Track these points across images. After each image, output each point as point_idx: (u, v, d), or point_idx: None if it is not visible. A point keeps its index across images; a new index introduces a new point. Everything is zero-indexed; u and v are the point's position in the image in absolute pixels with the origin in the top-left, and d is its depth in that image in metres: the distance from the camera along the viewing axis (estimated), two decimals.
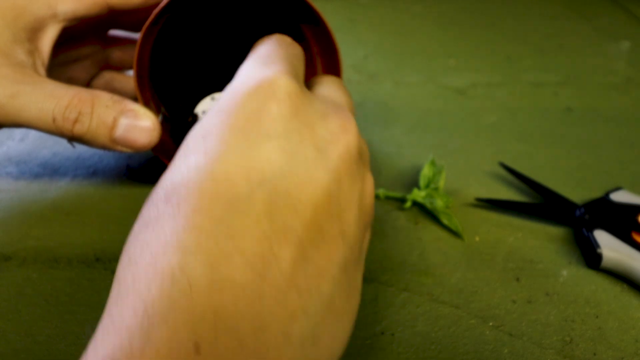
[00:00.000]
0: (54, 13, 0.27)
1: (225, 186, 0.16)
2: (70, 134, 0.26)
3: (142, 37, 0.27)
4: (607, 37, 0.57)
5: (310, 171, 0.18)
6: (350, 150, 0.19)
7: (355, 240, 0.19)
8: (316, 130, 0.19)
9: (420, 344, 0.23)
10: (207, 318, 0.13)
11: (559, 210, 0.30)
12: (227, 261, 0.15)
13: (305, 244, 0.16)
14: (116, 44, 0.34)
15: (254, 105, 0.18)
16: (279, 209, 0.16)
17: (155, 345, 0.13)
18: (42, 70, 0.27)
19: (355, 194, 0.19)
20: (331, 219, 0.18)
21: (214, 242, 0.15)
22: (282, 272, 0.15)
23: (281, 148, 0.17)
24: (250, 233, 0.15)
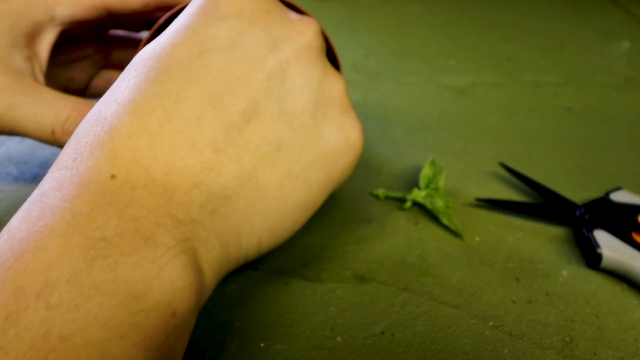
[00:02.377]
0: (52, 17, 0.27)
1: (168, 54, 0.18)
2: None
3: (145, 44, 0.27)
4: (607, 37, 0.57)
5: (254, 51, 0.19)
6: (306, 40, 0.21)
7: (302, 126, 0.20)
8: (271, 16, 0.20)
9: (420, 344, 0.23)
10: (123, 155, 0.16)
11: (559, 210, 0.30)
12: (151, 114, 0.17)
13: (232, 113, 0.18)
14: (115, 44, 0.34)
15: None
16: (211, 79, 0.18)
17: (80, 173, 0.16)
18: (40, 76, 0.27)
19: (310, 82, 0.21)
20: (269, 99, 0.19)
21: (143, 98, 0.17)
22: (200, 131, 0.18)
23: (229, 27, 0.19)
24: (177, 94, 0.18)
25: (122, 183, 0.16)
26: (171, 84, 0.18)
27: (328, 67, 0.22)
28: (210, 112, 0.18)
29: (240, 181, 0.18)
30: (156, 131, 0.17)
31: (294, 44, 0.20)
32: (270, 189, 0.19)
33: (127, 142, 0.16)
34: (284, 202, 0.20)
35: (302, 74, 0.20)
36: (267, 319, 0.24)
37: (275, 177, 0.19)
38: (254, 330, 0.23)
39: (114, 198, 0.15)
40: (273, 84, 0.19)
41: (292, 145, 0.20)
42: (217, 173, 0.18)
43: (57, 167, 0.16)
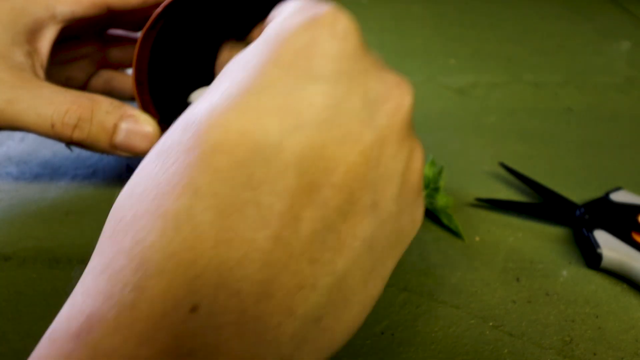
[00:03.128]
0: (53, 14, 0.27)
1: (254, 125, 0.14)
2: (69, 139, 0.26)
3: (141, 41, 0.27)
4: (607, 37, 0.57)
5: (352, 126, 0.15)
6: (403, 113, 0.17)
7: (389, 217, 0.16)
8: (369, 80, 0.16)
9: (420, 344, 0.23)
10: (210, 274, 0.12)
11: (559, 210, 0.30)
12: (241, 213, 0.13)
13: (331, 210, 0.14)
14: (115, 43, 0.34)
15: (306, 38, 0.15)
16: (310, 164, 0.14)
17: (148, 300, 0.11)
18: (40, 72, 0.27)
19: (399, 164, 0.17)
20: (365, 187, 0.15)
21: (230, 188, 0.13)
22: (298, 237, 0.13)
23: (326, 93, 0.15)
24: (271, 185, 0.13)
25: (206, 318, 0.12)
26: (263, 171, 0.13)
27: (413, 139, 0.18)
28: (309, 209, 0.14)
29: (332, 295, 0.15)
30: (249, 238, 0.13)
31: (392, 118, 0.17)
32: (356, 294, 0.16)
33: (212, 253, 0.12)
34: (364, 305, 0.16)
35: (395, 156, 0.17)
36: None
37: (362, 279, 0.16)
38: None
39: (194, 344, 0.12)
40: (369, 169, 0.15)
41: (379, 240, 0.16)
42: (310, 290, 0.14)
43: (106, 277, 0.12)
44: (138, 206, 0.13)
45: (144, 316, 0.11)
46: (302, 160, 0.14)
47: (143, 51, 0.28)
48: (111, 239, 0.13)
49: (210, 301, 0.12)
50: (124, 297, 0.12)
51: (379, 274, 0.17)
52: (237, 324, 0.12)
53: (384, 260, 0.17)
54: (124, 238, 0.13)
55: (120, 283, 0.12)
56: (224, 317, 0.12)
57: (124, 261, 0.12)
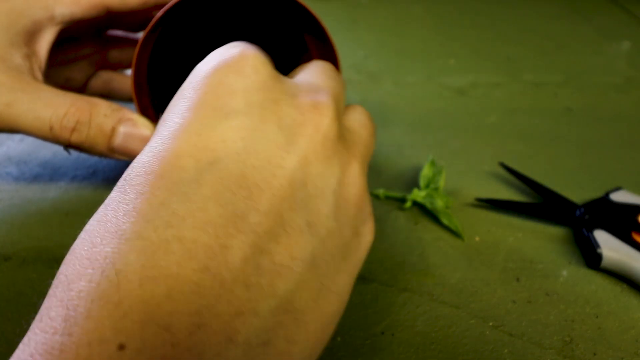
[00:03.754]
0: (52, 16, 0.27)
1: (172, 167, 0.15)
2: (67, 142, 0.26)
3: (140, 45, 0.27)
4: (607, 37, 0.57)
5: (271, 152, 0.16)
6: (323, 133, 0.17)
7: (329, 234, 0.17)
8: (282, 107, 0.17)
9: (420, 344, 0.23)
10: (135, 312, 0.12)
11: (559, 210, 0.30)
12: (164, 250, 0.13)
13: (261, 235, 0.15)
14: (114, 44, 0.34)
15: (216, 79, 0.17)
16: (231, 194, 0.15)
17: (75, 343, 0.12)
18: (39, 75, 0.27)
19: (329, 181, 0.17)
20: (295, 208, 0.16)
21: (152, 229, 0.14)
22: (228, 265, 0.14)
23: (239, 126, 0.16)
24: (193, 219, 0.14)
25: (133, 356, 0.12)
26: (184, 207, 0.14)
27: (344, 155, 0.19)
28: (236, 237, 0.14)
29: (278, 317, 0.15)
30: (175, 273, 0.13)
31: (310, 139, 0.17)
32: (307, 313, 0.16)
33: (138, 292, 0.12)
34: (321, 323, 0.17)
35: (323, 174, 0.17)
36: None
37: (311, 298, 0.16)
38: None
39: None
40: (296, 190, 0.16)
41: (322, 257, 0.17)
42: (252, 315, 0.14)
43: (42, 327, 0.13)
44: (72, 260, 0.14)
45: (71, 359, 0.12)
46: (222, 192, 0.15)
47: (142, 54, 0.28)
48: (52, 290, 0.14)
49: (137, 339, 0.12)
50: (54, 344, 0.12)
51: (331, 290, 0.17)
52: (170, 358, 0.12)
53: (333, 277, 0.17)
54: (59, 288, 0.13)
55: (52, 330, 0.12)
56: (154, 352, 0.12)
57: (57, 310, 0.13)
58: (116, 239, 0.14)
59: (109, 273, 0.13)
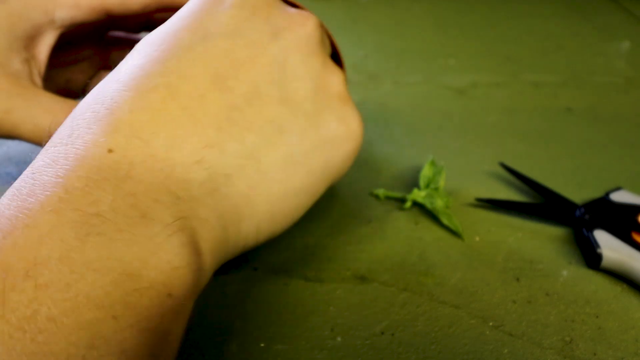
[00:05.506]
0: (51, 19, 0.27)
1: (171, 38, 0.19)
2: None
3: None
4: (607, 37, 0.57)
5: (256, 37, 0.20)
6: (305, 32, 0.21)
7: (305, 113, 0.20)
8: (272, 10, 0.21)
9: (420, 344, 0.23)
10: (123, 129, 0.16)
11: (559, 210, 0.30)
12: (154, 91, 0.17)
13: (236, 96, 0.18)
14: (115, 45, 0.34)
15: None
16: (216, 60, 0.18)
17: (75, 147, 0.15)
18: (38, 80, 0.27)
19: (309, 71, 0.21)
20: (271, 83, 0.20)
21: (146, 77, 0.17)
22: (203, 109, 0.18)
23: (232, 14, 0.20)
24: (181, 73, 0.18)
25: (119, 157, 0.15)
26: (174, 64, 0.18)
27: (327, 59, 0.23)
28: (214, 92, 0.18)
29: (242, 160, 0.18)
30: (158, 107, 0.17)
31: (294, 34, 0.21)
32: (272, 171, 0.19)
33: (127, 116, 0.16)
34: (284, 186, 0.20)
35: (303, 63, 0.21)
36: (267, 319, 0.24)
37: (277, 160, 0.19)
38: (254, 330, 0.23)
39: (110, 173, 0.15)
40: (274, 70, 0.20)
41: (293, 129, 0.20)
42: (219, 151, 0.17)
43: (52, 143, 0.16)
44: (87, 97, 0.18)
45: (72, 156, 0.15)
46: (209, 58, 0.18)
47: None
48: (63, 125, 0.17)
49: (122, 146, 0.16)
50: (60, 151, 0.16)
51: (300, 163, 0.20)
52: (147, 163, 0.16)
53: (306, 153, 0.21)
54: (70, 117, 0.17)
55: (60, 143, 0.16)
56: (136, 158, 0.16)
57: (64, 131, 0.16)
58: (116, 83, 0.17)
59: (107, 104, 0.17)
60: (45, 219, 0.13)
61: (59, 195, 0.14)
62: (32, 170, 0.15)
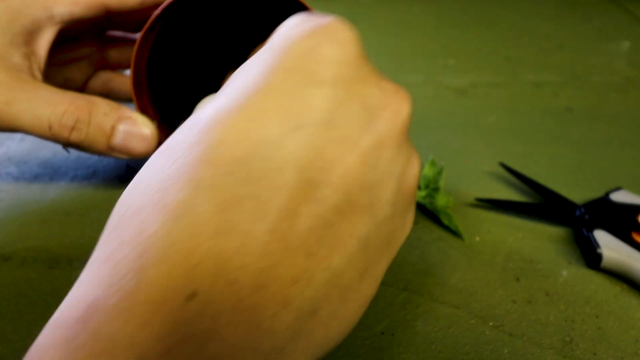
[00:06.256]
0: (51, 15, 0.27)
1: (255, 124, 0.14)
2: (66, 141, 0.26)
3: (139, 43, 0.27)
4: (607, 37, 0.57)
5: (351, 129, 0.16)
6: (401, 120, 0.18)
7: (384, 220, 0.17)
8: (369, 87, 0.17)
9: (420, 344, 0.23)
10: (208, 262, 0.12)
11: (559, 210, 0.30)
12: (240, 206, 0.13)
13: (328, 208, 0.15)
14: (113, 44, 0.34)
15: (309, 44, 0.16)
16: (308, 162, 0.15)
17: (148, 286, 0.12)
18: (38, 74, 0.27)
19: (395, 168, 0.18)
20: (363, 188, 0.16)
21: (229, 182, 0.13)
22: (295, 231, 0.14)
23: (326, 96, 0.16)
24: (270, 180, 0.14)
25: (202, 306, 0.12)
26: (263, 166, 0.14)
27: (410, 147, 0.19)
28: (306, 205, 0.14)
29: (327, 290, 0.15)
30: (246, 230, 0.13)
31: (390, 123, 0.17)
32: (350, 291, 0.16)
33: (210, 244, 0.12)
34: (358, 304, 0.17)
35: (392, 160, 0.17)
36: None
37: (357, 277, 0.16)
38: None
39: (190, 331, 0.12)
40: (367, 171, 0.16)
41: (374, 241, 0.17)
42: (306, 284, 0.14)
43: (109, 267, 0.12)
44: (141, 199, 0.13)
45: (143, 301, 0.12)
46: (301, 159, 0.14)
47: (141, 53, 0.28)
48: (115, 230, 0.13)
49: (207, 289, 0.12)
50: (125, 285, 0.12)
51: (372, 274, 0.17)
52: (233, 313, 0.12)
53: (377, 261, 0.17)
54: (127, 229, 0.13)
55: (122, 271, 0.12)
56: (221, 305, 0.12)
57: (126, 251, 0.12)
58: (191, 185, 0.13)
59: (182, 220, 0.13)
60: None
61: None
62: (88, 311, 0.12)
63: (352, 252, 0.16)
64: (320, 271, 0.15)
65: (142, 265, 0.12)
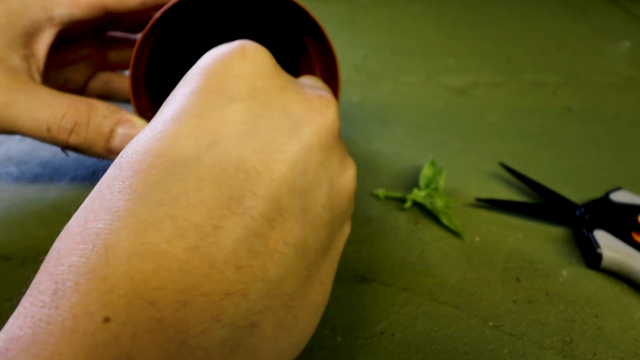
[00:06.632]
0: (50, 17, 0.27)
1: (171, 147, 0.15)
2: (65, 143, 0.26)
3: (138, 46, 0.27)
4: (607, 37, 0.57)
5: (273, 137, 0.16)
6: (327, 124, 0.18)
7: (321, 224, 0.17)
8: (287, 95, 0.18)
9: (420, 344, 0.23)
10: (121, 287, 0.12)
11: (559, 210, 0.30)
12: (155, 227, 0.13)
13: (256, 219, 0.15)
14: (114, 45, 0.34)
15: (220, 64, 0.17)
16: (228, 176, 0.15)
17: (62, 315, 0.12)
18: (37, 76, 0.27)
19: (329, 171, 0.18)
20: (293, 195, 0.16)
21: (145, 207, 0.14)
22: (219, 246, 0.14)
23: (242, 110, 0.16)
24: (186, 199, 0.14)
25: (118, 328, 0.12)
26: (179, 187, 0.14)
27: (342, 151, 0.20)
28: (230, 219, 0.14)
29: (267, 301, 0.15)
30: (163, 250, 0.13)
31: (315, 126, 0.17)
32: (296, 299, 0.16)
33: (126, 268, 0.13)
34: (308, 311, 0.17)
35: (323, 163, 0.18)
36: None
37: (300, 285, 0.16)
38: None
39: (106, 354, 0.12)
40: (296, 176, 0.16)
41: (313, 245, 0.17)
42: (240, 297, 0.14)
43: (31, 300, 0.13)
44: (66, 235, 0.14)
45: (57, 330, 0.12)
46: (219, 174, 0.15)
47: (140, 56, 0.28)
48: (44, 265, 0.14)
49: (122, 312, 0.12)
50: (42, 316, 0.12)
51: (317, 279, 0.17)
52: (153, 332, 0.12)
53: (319, 266, 0.17)
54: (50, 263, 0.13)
55: (40, 303, 0.12)
56: (139, 327, 0.12)
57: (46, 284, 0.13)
58: (109, 215, 0.14)
59: (99, 248, 0.13)
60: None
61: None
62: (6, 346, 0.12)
63: (289, 259, 0.15)
64: (255, 282, 0.14)
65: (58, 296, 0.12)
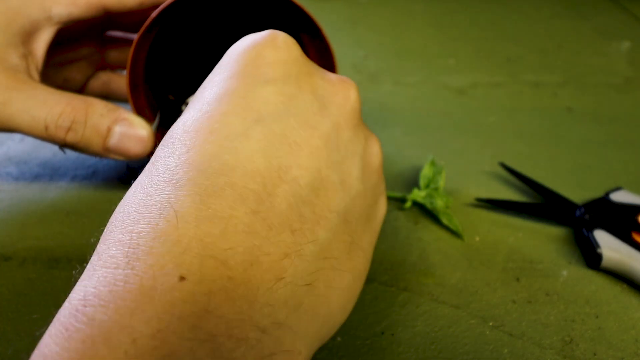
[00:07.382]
0: (49, 16, 0.27)
1: (220, 124, 0.16)
2: (62, 141, 0.26)
3: (135, 45, 0.27)
4: (607, 37, 0.57)
5: (307, 116, 0.18)
6: (351, 105, 0.20)
7: (357, 194, 0.19)
8: (315, 80, 0.19)
9: (420, 344, 0.23)
10: (193, 248, 0.13)
11: (559, 210, 0.30)
12: (218, 195, 0.14)
13: (303, 187, 0.16)
14: (112, 45, 0.34)
15: (254, 53, 0.18)
16: (274, 148, 0.16)
17: (139, 275, 0.13)
18: (35, 75, 0.27)
19: (356, 147, 0.19)
20: (330, 166, 0.18)
21: (205, 177, 0.15)
22: (275, 210, 0.15)
23: (279, 92, 0.18)
24: (243, 169, 0.15)
25: (194, 287, 0.13)
26: (234, 158, 0.15)
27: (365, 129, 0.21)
28: (281, 187, 0.16)
29: (319, 262, 0.16)
30: (228, 215, 0.14)
31: (341, 106, 0.19)
32: (342, 262, 0.17)
33: (195, 231, 0.13)
34: (353, 275, 0.18)
35: (351, 139, 0.19)
36: None
37: (345, 250, 0.18)
38: None
39: (184, 309, 0.12)
40: (331, 151, 0.18)
41: (352, 214, 0.18)
42: (297, 258, 0.15)
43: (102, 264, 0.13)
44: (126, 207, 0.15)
45: (135, 289, 0.12)
46: (267, 146, 0.16)
47: (138, 55, 0.28)
48: (107, 233, 0.15)
49: (196, 271, 0.13)
50: (116, 277, 0.13)
51: (359, 246, 0.19)
52: (227, 290, 0.13)
53: (360, 235, 0.19)
54: (116, 230, 0.14)
55: (113, 265, 0.13)
56: (213, 284, 0.13)
57: (117, 248, 0.14)
58: (170, 187, 0.15)
59: (167, 215, 0.14)
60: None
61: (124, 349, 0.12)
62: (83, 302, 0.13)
63: (334, 224, 0.17)
64: (307, 244, 0.16)
65: (131, 259, 0.13)
